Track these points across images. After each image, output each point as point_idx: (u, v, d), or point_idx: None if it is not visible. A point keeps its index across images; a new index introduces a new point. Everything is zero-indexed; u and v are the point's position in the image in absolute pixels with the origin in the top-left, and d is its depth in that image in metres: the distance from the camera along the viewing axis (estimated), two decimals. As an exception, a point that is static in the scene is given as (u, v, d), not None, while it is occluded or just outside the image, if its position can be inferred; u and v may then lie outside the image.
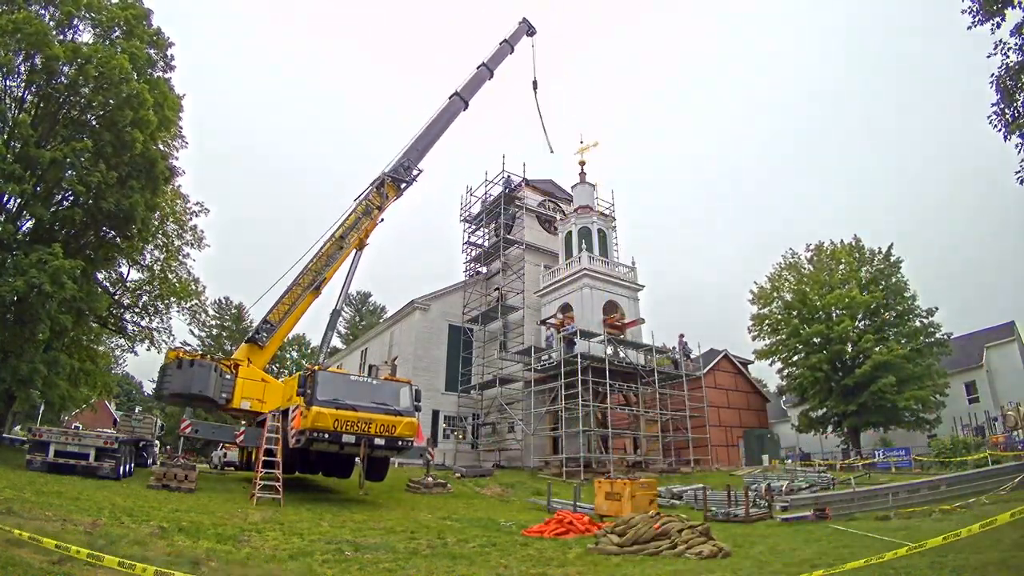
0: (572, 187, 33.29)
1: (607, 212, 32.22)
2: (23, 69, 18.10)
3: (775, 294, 32.37)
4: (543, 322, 28.94)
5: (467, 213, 33.81)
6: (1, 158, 16.19)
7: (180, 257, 26.61)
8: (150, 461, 19.06)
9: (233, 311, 58.27)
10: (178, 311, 26.83)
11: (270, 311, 17.16)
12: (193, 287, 26.93)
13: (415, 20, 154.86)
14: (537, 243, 32.12)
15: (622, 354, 27.67)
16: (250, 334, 17.56)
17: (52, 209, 18.74)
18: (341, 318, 39.84)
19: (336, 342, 50.62)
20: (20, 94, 18.66)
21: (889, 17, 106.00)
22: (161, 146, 22.27)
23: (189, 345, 35.30)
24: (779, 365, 32.71)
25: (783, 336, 31.07)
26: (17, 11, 17.28)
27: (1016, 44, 10.41)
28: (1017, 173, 10.37)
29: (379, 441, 13.34)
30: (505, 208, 31.55)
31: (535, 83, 29.14)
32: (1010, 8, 10.36)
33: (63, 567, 4.94)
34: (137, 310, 26.36)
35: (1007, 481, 12.86)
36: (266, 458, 13.04)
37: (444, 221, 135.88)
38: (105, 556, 4.37)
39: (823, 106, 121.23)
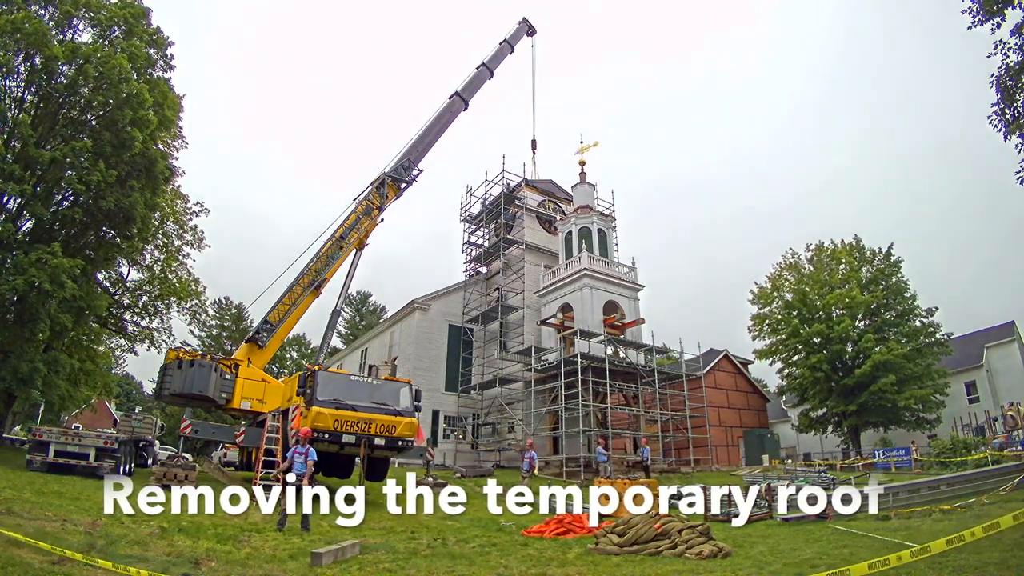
0: (572, 187, 33.27)
1: (607, 212, 32.22)
2: (23, 69, 18.09)
3: (775, 294, 32.33)
4: (543, 322, 28.93)
5: (467, 213, 33.74)
6: (1, 158, 16.19)
7: (180, 257, 26.62)
8: (150, 461, 19.06)
9: (233, 311, 58.20)
10: (178, 311, 26.80)
11: (270, 311, 17.14)
12: (193, 287, 26.90)
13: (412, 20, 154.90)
14: (537, 243, 32.10)
15: (622, 354, 27.67)
16: (250, 334, 17.55)
17: (52, 209, 18.73)
18: (341, 318, 39.80)
19: (336, 342, 50.57)
20: (20, 94, 18.64)
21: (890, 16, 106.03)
22: (161, 146, 22.27)
23: (189, 345, 35.18)
24: (779, 365, 32.71)
25: (783, 336, 31.01)
26: (16, 11, 17.28)
27: (1016, 44, 10.40)
28: (1017, 173, 10.36)
29: (379, 441, 13.32)
30: (505, 208, 31.54)
31: (534, 142, 31.68)
32: (1010, 8, 10.35)
33: (62, 567, 4.94)
34: (137, 310, 26.31)
35: (1007, 481, 12.85)
36: (266, 458, 13.04)
37: (444, 221, 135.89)
38: (99, 560, 4.36)
39: (826, 105, 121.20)
